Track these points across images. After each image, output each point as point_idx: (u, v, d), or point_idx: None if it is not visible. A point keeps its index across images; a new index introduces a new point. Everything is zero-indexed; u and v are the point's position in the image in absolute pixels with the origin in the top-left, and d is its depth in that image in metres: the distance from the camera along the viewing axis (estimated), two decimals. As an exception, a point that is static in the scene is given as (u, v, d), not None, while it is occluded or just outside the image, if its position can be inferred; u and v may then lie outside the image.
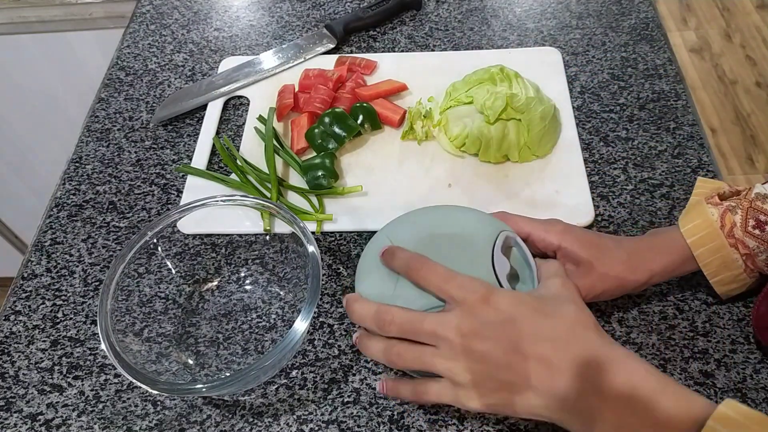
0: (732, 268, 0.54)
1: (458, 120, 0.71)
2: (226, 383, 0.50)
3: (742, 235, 0.53)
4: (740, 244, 0.54)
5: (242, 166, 0.72)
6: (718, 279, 0.55)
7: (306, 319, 0.52)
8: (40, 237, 0.70)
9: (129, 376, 0.50)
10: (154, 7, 0.96)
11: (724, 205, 0.55)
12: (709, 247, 0.54)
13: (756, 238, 0.53)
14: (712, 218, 0.54)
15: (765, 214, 0.53)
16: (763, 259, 0.54)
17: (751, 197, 0.54)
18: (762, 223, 0.53)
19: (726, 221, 0.54)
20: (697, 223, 0.55)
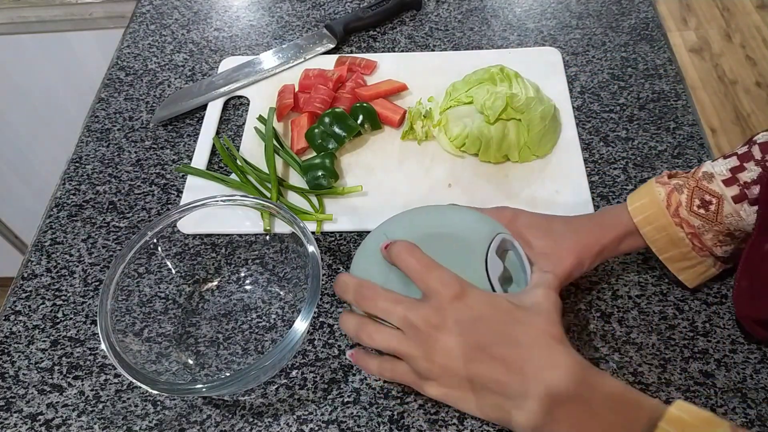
0: (680, 245, 0.55)
1: (458, 120, 0.71)
2: (226, 383, 0.50)
3: (687, 215, 0.54)
4: (685, 223, 0.54)
5: (242, 166, 0.72)
6: (668, 255, 0.56)
7: (306, 319, 0.52)
8: (40, 237, 0.70)
9: (129, 376, 0.50)
10: (154, 7, 0.96)
11: (671, 184, 0.55)
12: (655, 226, 0.55)
13: (701, 217, 0.54)
14: (659, 197, 0.55)
15: (710, 194, 0.54)
16: (710, 237, 0.54)
17: (698, 176, 0.55)
18: (707, 203, 0.54)
19: (672, 200, 0.55)
20: (644, 202, 0.55)
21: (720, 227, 0.54)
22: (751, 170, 0.53)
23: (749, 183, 0.52)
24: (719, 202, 0.53)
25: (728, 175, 0.53)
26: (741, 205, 0.53)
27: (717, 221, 0.54)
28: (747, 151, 0.54)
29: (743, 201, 0.53)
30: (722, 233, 0.54)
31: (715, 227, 0.54)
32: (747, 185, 0.52)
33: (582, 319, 0.60)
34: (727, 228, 0.54)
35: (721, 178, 0.54)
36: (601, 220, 0.57)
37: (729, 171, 0.54)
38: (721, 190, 0.53)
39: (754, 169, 0.53)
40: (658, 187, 0.56)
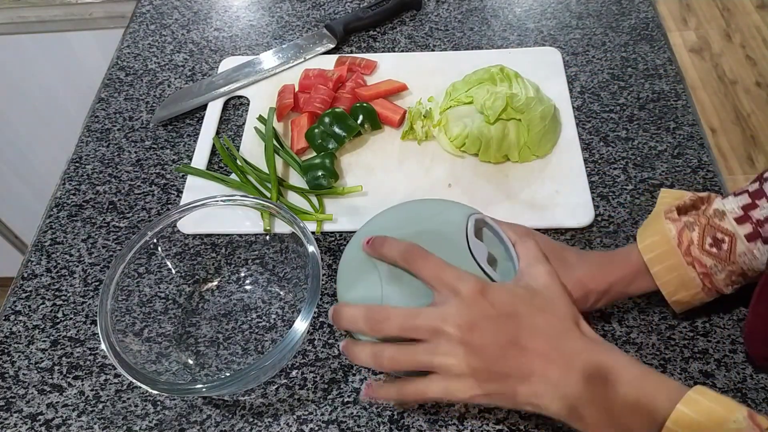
0: (690, 287, 0.53)
1: (458, 120, 0.71)
2: (226, 383, 0.50)
3: (699, 254, 0.52)
4: (697, 262, 0.52)
5: (242, 166, 0.72)
6: (676, 299, 0.54)
7: (306, 319, 0.52)
8: (40, 237, 0.70)
9: (129, 376, 0.50)
10: (154, 7, 0.96)
11: (681, 221, 0.54)
12: (666, 265, 0.53)
13: (713, 257, 0.52)
14: (670, 235, 0.53)
15: (722, 232, 0.52)
16: (722, 278, 0.53)
17: (709, 214, 0.53)
18: (719, 242, 0.52)
19: (683, 238, 0.53)
20: (655, 239, 0.54)
21: (734, 267, 0.52)
22: (764, 208, 0.51)
23: (762, 221, 0.51)
24: (732, 240, 0.52)
25: (740, 212, 0.52)
26: (755, 244, 0.51)
27: (730, 261, 0.52)
28: (758, 189, 0.52)
29: (757, 239, 0.51)
30: (735, 273, 0.52)
31: (728, 267, 0.52)
32: (760, 223, 0.51)
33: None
34: (740, 268, 0.52)
35: (732, 215, 0.52)
36: (612, 257, 0.56)
37: (741, 209, 0.52)
38: (733, 228, 0.52)
39: (767, 206, 0.51)
40: (668, 224, 0.54)
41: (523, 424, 0.54)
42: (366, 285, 0.51)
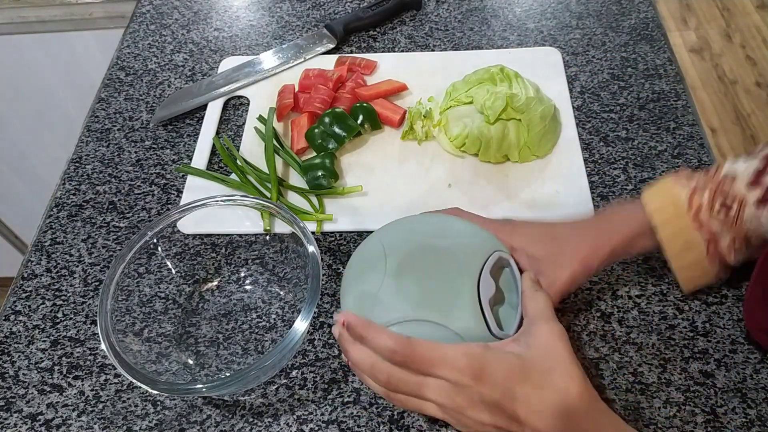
0: (694, 251, 0.53)
1: (458, 120, 0.71)
2: (226, 383, 0.50)
3: (708, 219, 0.52)
4: (705, 228, 0.52)
5: (242, 166, 0.72)
6: (680, 264, 0.54)
7: (306, 319, 0.52)
8: (40, 237, 0.70)
9: (129, 376, 0.50)
10: (154, 7, 0.96)
11: (692, 184, 0.53)
12: (674, 229, 0.53)
13: (720, 222, 0.52)
14: (681, 199, 0.52)
15: (731, 197, 0.52)
16: (726, 243, 0.52)
17: (719, 178, 0.53)
18: (728, 207, 0.51)
19: (694, 202, 0.52)
20: (665, 203, 0.53)
21: (738, 232, 0.52)
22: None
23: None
24: (741, 205, 0.51)
25: (752, 177, 0.51)
26: (762, 211, 0.51)
27: (736, 225, 0.52)
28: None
29: (765, 205, 0.51)
30: (739, 238, 0.52)
31: (733, 231, 0.52)
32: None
33: (582, 319, 0.60)
34: (745, 233, 0.52)
35: (744, 180, 0.52)
36: (610, 222, 0.55)
37: (753, 174, 0.51)
38: (743, 193, 0.51)
39: None
40: (678, 187, 0.53)
41: (523, 424, 0.54)
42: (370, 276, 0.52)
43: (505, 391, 0.44)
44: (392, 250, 0.52)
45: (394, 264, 0.51)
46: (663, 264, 0.63)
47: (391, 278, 0.51)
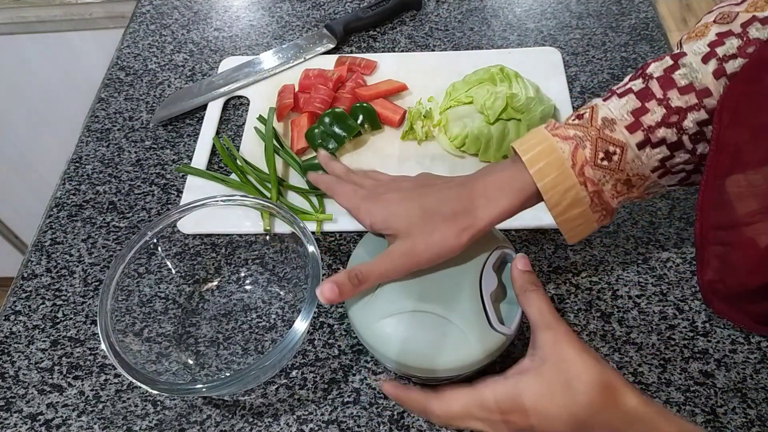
0: (579, 206, 0.50)
1: (458, 120, 0.71)
2: (226, 383, 0.50)
3: (592, 172, 0.49)
4: (589, 181, 0.50)
5: (242, 166, 0.72)
6: (565, 218, 0.51)
7: (306, 319, 0.52)
8: (40, 237, 0.70)
9: (129, 376, 0.50)
10: (154, 7, 0.96)
11: (572, 137, 0.50)
12: (560, 188, 0.49)
13: (603, 169, 0.49)
14: (563, 156, 0.49)
15: (614, 143, 0.49)
16: (609, 189, 0.50)
17: (598, 124, 0.50)
18: (610, 154, 0.49)
19: (577, 158, 0.49)
20: (547, 162, 0.49)
21: (620, 175, 0.50)
22: (655, 111, 0.49)
23: (653, 126, 0.49)
24: (623, 150, 0.49)
25: (631, 119, 0.49)
26: (644, 151, 0.49)
27: (618, 170, 0.50)
28: (645, 89, 0.50)
29: (647, 146, 0.49)
30: (621, 181, 0.50)
31: (615, 176, 0.50)
32: (651, 129, 0.49)
33: (582, 319, 0.60)
34: (627, 175, 0.50)
35: (623, 123, 0.49)
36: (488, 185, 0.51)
37: (631, 115, 0.49)
38: (624, 137, 0.49)
39: (658, 110, 0.49)
40: (560, 142, 0.50)
41: (523, 424, 0.54)
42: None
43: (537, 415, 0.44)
44: None
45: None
46: (663, 264, 0.63)
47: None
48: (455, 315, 0.49)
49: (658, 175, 0.51)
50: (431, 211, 0.50)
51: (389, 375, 0.57)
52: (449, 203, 0.51)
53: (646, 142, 0.49)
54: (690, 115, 0.48)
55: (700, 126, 0.49)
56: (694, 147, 0.49)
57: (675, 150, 0.49)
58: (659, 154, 0.49)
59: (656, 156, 0.50)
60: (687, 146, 0.49)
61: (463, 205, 0.50)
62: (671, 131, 0.49)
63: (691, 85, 0.49)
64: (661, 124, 0.49)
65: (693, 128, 0.49)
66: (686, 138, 0.49)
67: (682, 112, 0.49)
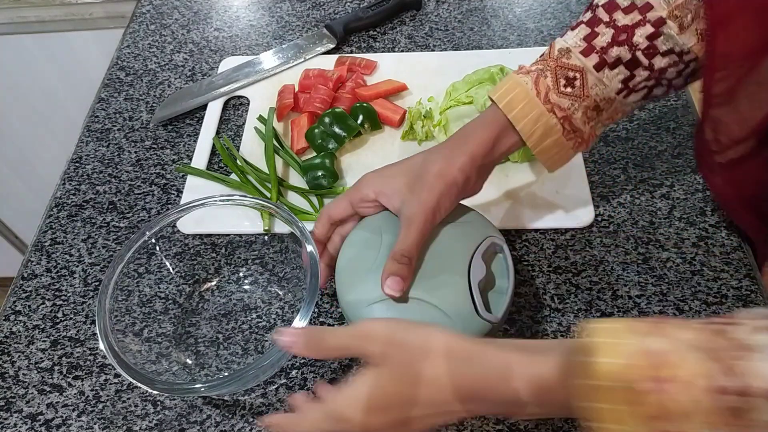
0: (552, 134, 0.53)
1: (458, 120, 0.71)
2: (225, 383, 0.50)
3: (557, 98, 0.53)
4: (556, 107, 0.53)
5: (242, 166, 0.72)
6: (541, 148, 0.54)
7: (305, 319, 0.52)
8: (40, 237, 0.70)
9: (128, 375, 0.50)
10: (154, 7, 0.96)
11: (533, 70, 0.54)
12: (530, 117, 0.53)
13: (569, 96, 0.53)
14: (527, 87, 0.53)
15: (572, 69, 0.53)
16: (579, 116, 0.53)
17: (555, 55, 0.54)
18: (572, 80, 0.53)
19: (540, 87, 0.53)
20: (513, 95, 0.53)
21: (588, 101, 0.53)
22: (604, 33, 0.52)
23: (606, 47, 0.52)
24: (583, 75, 0.53)
25: (584, 44, 0.53)
26: (603, 72, 0.52)
27: (584, 95, 0.53)
28: (593, 16, 0.53)
29: (604, 67, 0.52)
30: (590, 108, 0.53)
31: (584, 103, 0.53)
32: (604, 50, 0.52)
33: (582, 319, 0.60)
34: (593, 101, 0.53)
35: (578, 50, 0.53)
36: (464, 133, 0.55)
37: (583, 41, 0.53)
38: (581, 62, 0.53)
39: (607, 32, 0.52)
40: (522, 77, 0.54)
41: (523, 424, 0.54)
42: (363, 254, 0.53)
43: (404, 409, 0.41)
44: (389, 229, 0.53)
45: (388, 242, 0.52)
46: (663, 264, 0.63)
47: (384, 256, 0.51)
48: (443, 302, 0.50)
49: (623, 96, 0.54)
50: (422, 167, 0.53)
51: None
52: (434, 155, 0.54)
53: (603, 64, 0.52)
54: (637, 30, 0.52)
55: (650, 40, 0.52)
56: (650, 63, 0.52)
57: (633, 68, 0.52)
58: (619, 74, 0.53)
59: (617, 77, 0.53)
60: (643, 62, 0.52)
61: (449, 151, 0.53)
62: (623, 49, 0.52)
63: (633, 4, 0.52)
64: (612, 44, 0.52)
65: (643, 43, 0.52)
66: (640, 54, 0.52)
67: (629, 30, 0.52)
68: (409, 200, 0.51)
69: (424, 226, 0.50)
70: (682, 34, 0.51)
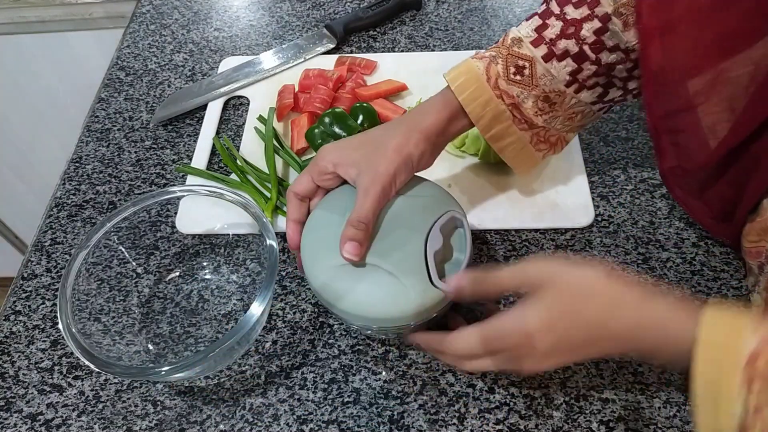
0: (502, 120, 0.56)
1: (458, 120, 0.71)
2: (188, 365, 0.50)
3: (506, 85, 0.55)
4: (505, 94, 0.55)
5: (242, 166, 0.72)
6: (492, 133, 0.57)
7: (262, 304, 0.53)
8: (40, 237, 0.70)
9: (91, 363, 0.50)
10: (154, 7, 0.96)
11: (487, 56, 0.56)
12: (479, 101, 0.55)
13: (518, 84, 0.55)
14: (478, 71, 0.55)
15: (522, 58, 0.55)
16: (530, 106, 0.55)
17: (508, 43, 0.55)
18: (521, 68, 0.54)
19: (491, 72, 0.55)
20: (466, 78, 0.55)
21: (537, 91, 0.55)
22: (554, 26, 0.54)
23: (554, 39, 0.54)
24: (532, 64, 0.54)
25: (534, 35, 0.55)
26: (551, 63, 0.54)
27: (533, 84, 0.55)
28: (546, 9, 0.55)
29: (552, 59, 0.54)
30: (540, 98, 0.55)
31: (533, 92, 0.55)
32: (553, 42, 0.54)
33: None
34: (543, 91, 0.55)
35: (528, 40, 0.55)
36: (420, 111, 0.57)
37: (534, 31, 0.55)
38: (531, 52, 0.54)
39: (556, 24, 0.54)
40: (476, 61, 0.56)
41: (523, 424, 0.54)
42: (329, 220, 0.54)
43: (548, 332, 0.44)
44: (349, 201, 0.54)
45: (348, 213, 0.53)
46: (663, 264, 0.63)
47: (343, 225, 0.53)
48: (397, 268, 0.51)
49: (574, 90, 0.55)
50: (380, 140, 0.54)
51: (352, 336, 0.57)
52: (392, 130, 0.55)
53: (551, 55, 0.54)
54: (585, 25, 0.53)
55: (597, 35, 0.53)
56: (597, 57, 0.53)
57: (581, 62, 0.54)
58: (567, 66, 0.54)
59: (564, 69, 0.54)
60: (590, 57, 0.53)
61: (405, 126, 0.55)
62: (571, 42, 0.53)
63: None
64: (561, 36, 0.53)
65: (591, 37, 0.53)
66: (587, 48, 0.53)
67: (577, 24, 0.53)
68: (366, 170, 0.53)
69: (381, 196, 0.52)
70: (627, 32, 0.52)
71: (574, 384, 0.56)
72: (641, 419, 0.53)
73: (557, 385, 0.56)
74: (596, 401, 0.55)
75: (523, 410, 0.54)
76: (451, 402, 0.55)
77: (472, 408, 0.55)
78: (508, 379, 0.56)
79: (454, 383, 0.56)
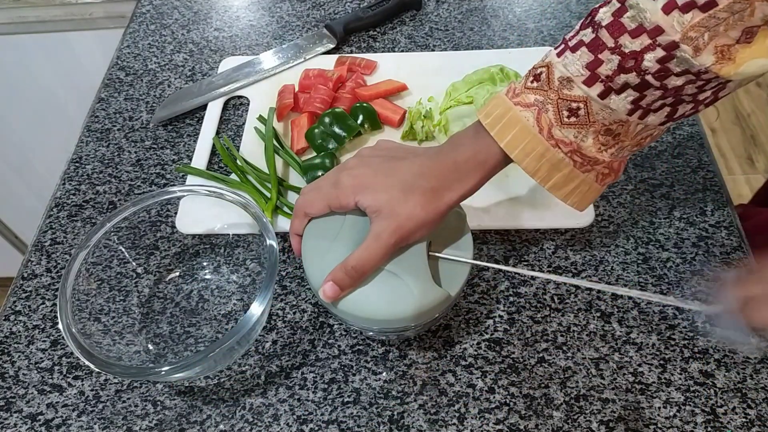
0: (561, 167, 0.50)
1: (458, 120, 0.71)
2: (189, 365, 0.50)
3: (561, 133, 0.49)
4: (561, 143, 0.49)
5: (242, 166, 0.72)
6: (552, 183, 0.51)
7: (262, 304, 0.53)
8: (40, 237, 0.70)
9: (92, 363, 0.50)
10: (154, 7, 0.96)
11: (533, 104, 0.50)
12: (534, 155, 0.50)
13: (574, 126, 0.49)
14: (529, 124, 0.49)
15: (575, 101, 0.48)
16: (590, 143, 0.49)
17: (555, 86, 0.49)
18: (575, 111, 0.49)
19: (543, 123, 0.49)
20: (515, 132, 0.50)
21: (596, 126, 0.49)
22: (609, 60, 0.47)
23: (611, 76, 0.47)
24: (586, 104, 0.48)
25: (587, 73, 0.48)
26: (608, 99, 0.48)
27: (590, 122, 0.49)
28: (595, 38, 0.47)
29: (610, 94, 0.48)
30: (600, 133, 0.49)
31: (591, 128, 0.49)
32: (610, 78, 0.47)
33: (582, 319, 0.60)
34: (602, 125, 0.49)
35: (580, 80, 0.48)
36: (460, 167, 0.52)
37: (586, 69, 0.48)
38: (584, 92, 0.48)
39: (612, 59, 0.46)
40: (523, 111, 0.50)
41: (523, 424, 0.54)
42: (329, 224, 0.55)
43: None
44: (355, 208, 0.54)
45: (352, 219, 0.53)
46: (663, 264, 0.63)
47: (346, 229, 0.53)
48: (400, 268, 0.51)
49: (638, 117, 0.49)
50: (410, 187, 0.51)
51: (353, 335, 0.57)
52: (424, 179, 0.51)
53: (608, 91, 0.48)
54: (647, 56, 0.46)
55: (662, 63, 0.46)
56: (662, 83, 0.47)
57: (643, 90, 0.47)
58: (627, 97, 0.48)
59: (626, 99, 0.48)
60: (654, 84, 0.47)
61: (439, 181, 0.51)
62: (632, 75, 0.47)
63: (641, 27, 0.45)
64: (619, 72, 0.47)
65: (654, 66, 0.46)
66: (650, 77, 0.46)
67: (637, 55, 0.46)
68: (387, 217, 0.50)
69: (391, 249, 0.50)
70: (698, 56, 0.45)
71: (574, 384, 0.56)
72: (641, 419, 0.53)
73: (557, 385, 0.56)
74: (596, 401, 0.55)
75: (523, 410, 0.55)
76: (451, 402, 0.55)
77: (472, 408, 0.55)
78: (508, 379, 0.56)
79: (454, 383, 0.56)
